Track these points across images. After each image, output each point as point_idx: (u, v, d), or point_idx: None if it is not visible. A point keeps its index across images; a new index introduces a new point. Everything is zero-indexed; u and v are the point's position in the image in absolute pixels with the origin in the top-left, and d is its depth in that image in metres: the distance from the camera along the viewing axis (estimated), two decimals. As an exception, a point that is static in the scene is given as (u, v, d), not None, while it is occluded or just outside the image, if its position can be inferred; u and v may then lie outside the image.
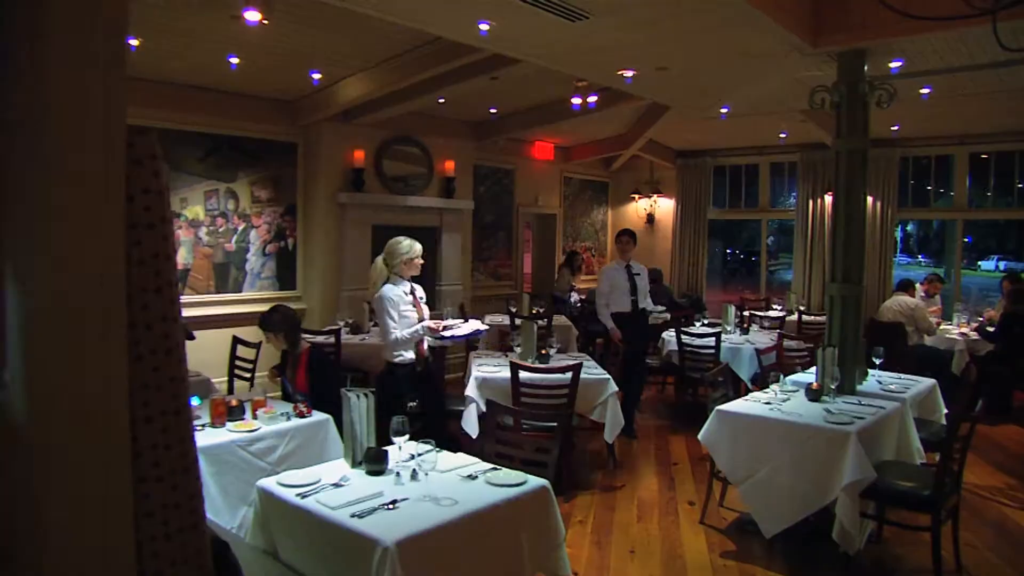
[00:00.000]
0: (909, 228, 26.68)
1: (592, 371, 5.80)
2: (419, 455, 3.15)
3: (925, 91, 7.31)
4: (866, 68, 5.39)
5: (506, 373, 5.40)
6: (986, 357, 8.04)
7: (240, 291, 8.11)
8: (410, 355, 5.06)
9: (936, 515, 4.07)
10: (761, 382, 5.87)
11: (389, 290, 5.05)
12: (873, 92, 5.32)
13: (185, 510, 1.43)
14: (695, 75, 6.61)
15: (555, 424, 4.11)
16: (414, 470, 3.13)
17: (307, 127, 8.48)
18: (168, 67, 6.89)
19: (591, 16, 4.80)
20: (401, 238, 5.17)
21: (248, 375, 6.42)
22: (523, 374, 5.31)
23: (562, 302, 10.40)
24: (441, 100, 8.36)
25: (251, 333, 6.63)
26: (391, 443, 3.27)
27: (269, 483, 3.14)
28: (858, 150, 5.28)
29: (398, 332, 4.99)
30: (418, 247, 5.14)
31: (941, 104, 8.28)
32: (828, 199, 11.17)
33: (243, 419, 4.16)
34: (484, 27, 5.10)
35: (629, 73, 6.37)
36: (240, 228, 8.09)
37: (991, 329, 8.10)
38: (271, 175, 8.34)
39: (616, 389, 5.75)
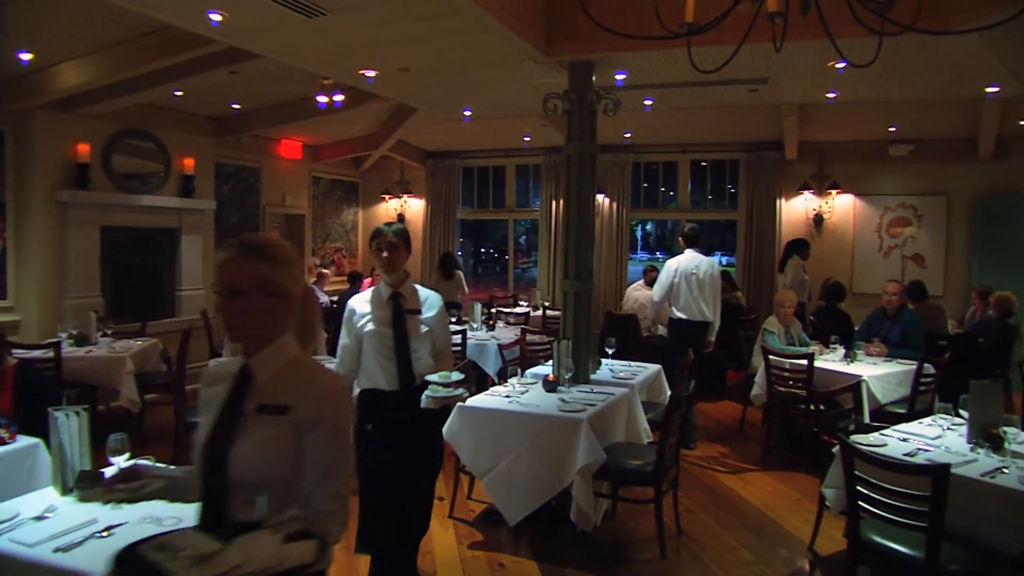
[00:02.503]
0: (648, 228, 29.17)
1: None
2: (141, 474, 2.92)
3: (648, 102, 8.01)
4: (594, 78, 5.80)
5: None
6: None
7: (-67, 303, 7.07)
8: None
9: (658, 488, 4.50)
10: (504, 376, 6.12)
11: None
12: (600, 100, 5.73)
13: None
14: (436, 77, 6.74)
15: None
16: (135, 490, 2.90)
17: (17, 114, 7.50)
18: None
19: (328, 13, 4.73)
20: None
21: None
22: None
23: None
24: (178, 93, 7.85)
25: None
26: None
27: (-52, 528, 2.73)
28: (587, 154, 5.66)
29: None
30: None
31: (664, 115, 9.13)
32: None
33: (-79, 456, 3.59)
34: (215, 17, 4.85)
35: (371, 73, 6.35)
36: (-68, 230, 7.05)
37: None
38: (-30, 169, 7.33)
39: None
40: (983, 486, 3.44)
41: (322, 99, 7.91)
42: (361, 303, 3.88)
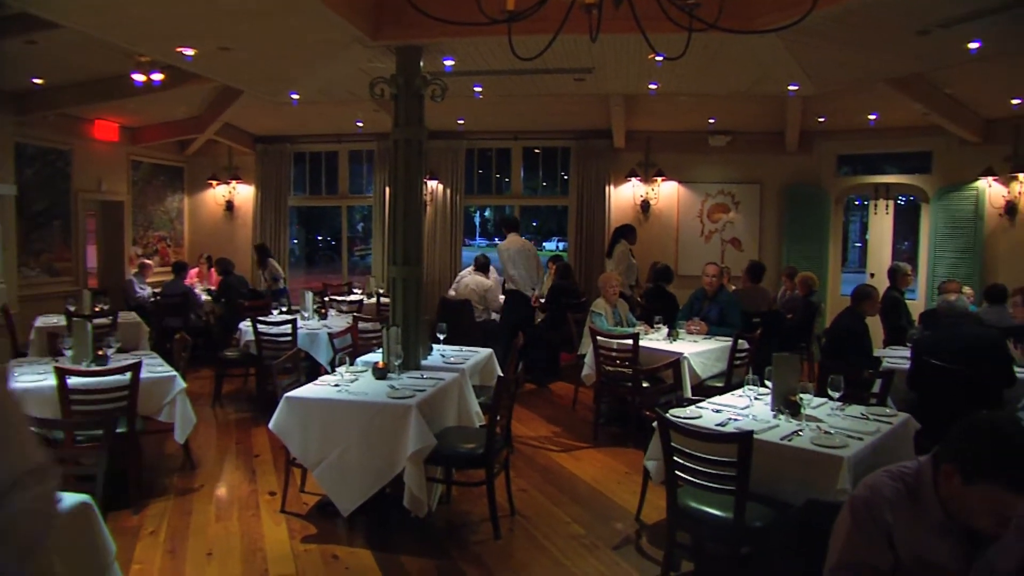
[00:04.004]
0: (487, 214, 29.46)
1: (156, 369, 5.43)
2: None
3: (477, 89, 8.07)
4: (422, 63, 5.76)
5: (52, 381, 4.78)
6: (539, 325, 9.19)
7: None
8: None
9: (489, 469, 4.56)
10: (335, 365, 6.01)
11: None
12: (428, 86, 5.70)
13: None
14: (259, 58, 6.49)
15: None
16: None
17: None
18: None
19: (135, -16, 4.43)
20: None
21: None
22: (72, 380, 4.74)
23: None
24: (-37, 63, 7.09)
25: None
26: None
27: None
28: (415, 139, 5.62)
29: None
30: None
31: (496, 102, 9.24)
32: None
33: None
34: (0, -21, 4.41)
35: (189, 51, 6.01)
36: None
37: (543, 300, 9.31)
38: None
39: (184, 386, 5.42)
40: (782, 448, 3.74)
41: (138, 77, 7.38)
42: None
